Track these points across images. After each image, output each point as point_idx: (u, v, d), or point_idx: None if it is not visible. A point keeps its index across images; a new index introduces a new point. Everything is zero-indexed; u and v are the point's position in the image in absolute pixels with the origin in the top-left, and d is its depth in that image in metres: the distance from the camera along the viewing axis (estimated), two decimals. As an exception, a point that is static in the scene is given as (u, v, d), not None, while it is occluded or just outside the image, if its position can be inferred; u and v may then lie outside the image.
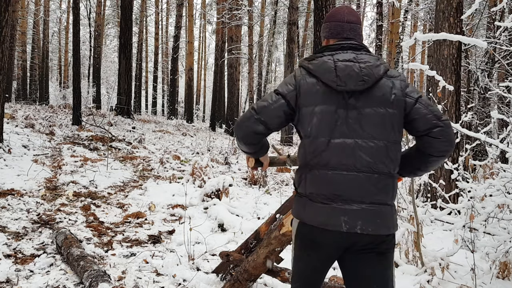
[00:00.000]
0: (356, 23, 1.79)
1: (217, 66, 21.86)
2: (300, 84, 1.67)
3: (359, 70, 1.63)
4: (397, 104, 1.64)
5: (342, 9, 1.82)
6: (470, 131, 3.76)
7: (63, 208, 5.01)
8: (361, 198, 1.59)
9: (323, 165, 1.62)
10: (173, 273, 3.30)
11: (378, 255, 1.65)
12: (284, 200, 5.17)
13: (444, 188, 5.42)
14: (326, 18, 1.84)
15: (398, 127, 1.65)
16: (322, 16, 9.04)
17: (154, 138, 12.48)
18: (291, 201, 2.76)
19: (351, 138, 1.61)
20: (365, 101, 1.62)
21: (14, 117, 11.36)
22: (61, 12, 29.97)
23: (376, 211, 1.60)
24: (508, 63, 9.11)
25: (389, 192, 1.64)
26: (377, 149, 1.61)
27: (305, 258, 1.71)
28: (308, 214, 1.64)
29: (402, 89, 1.66)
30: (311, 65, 1.69)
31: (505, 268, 3.34)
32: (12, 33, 14.19)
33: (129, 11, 15.86)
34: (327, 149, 1.62)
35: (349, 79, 1.61)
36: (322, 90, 1.64)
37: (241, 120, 1.73)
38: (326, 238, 1.62)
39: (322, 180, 1.62)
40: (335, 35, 1.78)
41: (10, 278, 3.09)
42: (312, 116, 1.64)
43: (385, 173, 1.62)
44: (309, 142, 1.66)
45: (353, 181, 1.59)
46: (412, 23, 23.85)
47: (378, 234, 1.60)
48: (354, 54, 1.68)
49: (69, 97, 21.09)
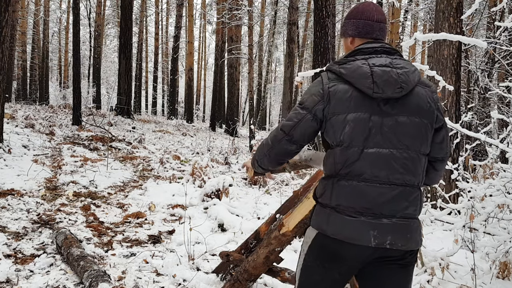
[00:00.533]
0: (385, 22, 1.68)
1: (217, 66, 21.86)
2: (330, 92, 1.56)
3: (397, 76, 1.53)
4: (430, 115, 1.58)
5: (370, 6, 1.68)
6: (470, 131, 3.76)
7: (63, 208, 5.01)
8: (392, 212, 1.51)
9: (354, 175, 1.53)
10: (173, 273, 3.30)
11: (401, 267, 1.59)
12: (284, 200, 5.17)
13: (444, 188, 5.42)
14: (352, 14, 1.70)
15: (428, 139, 1.59)
16: (322, 16, 9.03)
17: (154, 138, 12.48)
18: (291, 201, 2.76)
19: (386, 148, 1.52)
20: (400, 109, 1.54)
21: (14, 117, 11.36)
22: (61, 12, 29.99)
23: (406, 225, 1.53)
24: (508, 63, 9.11)
25: (418, 205, 1.57)
26: (410, 160, 1.54)
27: (321, 270, 1.61)
28: (333, 227, 1.54)
29: (435, 101, 1.61)
30: (343, 69, 1.57)
31: (505, 268, 3.34)
32: (12, 33, 14.19)
33: (129, 11, 15.87)
34: (360, 159, 1.52)
35: (387, 86, 1.51)
36: (356, 96, 1.53)
37: (272, 141, 1.69)
38: (350, 252, 1.53)
39: (352, 192, 1.52)
40: (363, 34, 1.66)
41: (10, 278, 3.09)
42: (344, 124, 1.53)
43: (415, 186, 1.56)
44: (340, 151, 1.55)
45: (386, 194, 1.51)
46: (412, 23, 23.85)
47: (408, 250, 1.55)
48: (389, 58, 1.58)
49: (69, 97, 21.10)
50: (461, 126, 3.97)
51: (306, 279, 1.66)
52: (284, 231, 2.41)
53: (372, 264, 1.59)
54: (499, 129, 10.40)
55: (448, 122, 3.60)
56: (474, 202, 3.80)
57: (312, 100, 1.60)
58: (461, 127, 3.66)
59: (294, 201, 2.70)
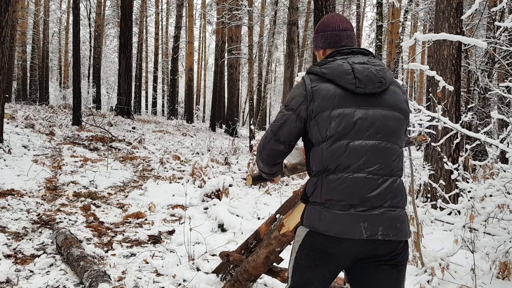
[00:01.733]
0: (351, 30, 1.79)
1: (217, 66, 21.85)
2: (313, 91, 1.63)
3: (376, 72, 1.62)
4: (405, 112, 1.68)
5: (334, 18, 1.80)
6: (470, 131, 3.76)
7: (63, 208, 5.01)
8: (381, 202, 1.56)
9: (343, 168, 1.58)
10: (173, 273, 3.30)
11: (392, 267, 1.62)
12: (284, 200, 5.18)
13: (444, 188, 5.42)
14: (320, 28, 1.82)
15: (403, 133, 1.68)
16: (322, 16, 9.03)
17: (154, 138, 12.48)
18: (291, 201, 2.76)
19: (372, 140, 1.59)
20: (382, 103, 1.63)
21: (14, 117, 11.36)
22: (61, 12, 29.97)
23: (395, 215, 1.57)
24: (508, 63, 9.10)
25: (403, 195, 1.63)
26: (393, 151, 1.62)
27: (312, 268, 1.65)
28: (325, 223, 1.57)
29: (407, 101, 1.72)
30: (325, 69, 1.65)
31: (505, 269, 3.34)
32: (12, 33, 14.19)
33: (129, 11, 15.86)
34: (347, 152, 1.58)
35: (368, 81, 1.60)
36: (339, 93, 1.61)
37: (263, 143, 1.78)
38: (341, 247, 1.56)
39: (340, 185, 1.57)
40: (333, 44, 1.77)
41: (10, 278, 3.09)
42: (329, 120, 1.60)
43: (399, 176, 1.63)
44: (326, 146, 1.61)
45: (374, 185, 1.56)
46: (412, 23, 23.86)
47: (399, 240, 1.58)
48: (365, 57, 1.68)
49: (69, 97, 21.08)
50: (461, 126, 3.97)
51: (299, 277, 1.70)
52: (284, 231, 2.41)
53: (363, 265, 1.62)
54: (499, 129, 10.40)
55: (448, 122, 3.60)
56: (474, 202, 3.80)
57: (295, 101, 1.68)
58: (461, 127, 3.66)
59: (294, 201, 2.70)
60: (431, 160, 5.89)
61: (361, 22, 23.46)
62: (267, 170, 1.88)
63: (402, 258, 1.63)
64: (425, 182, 5.70)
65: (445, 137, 4.83)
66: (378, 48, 17.16)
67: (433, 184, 4.92)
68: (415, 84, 29.65)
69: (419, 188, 6.07)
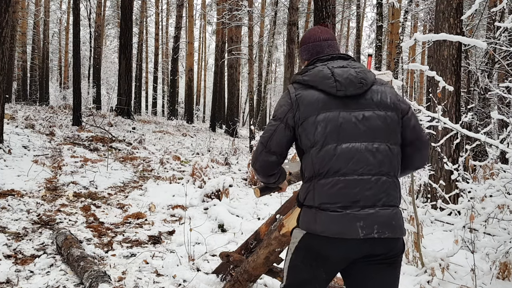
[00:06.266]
0: (333, 39, 1.83)
1: (217, 67, 21.86)
2: (297, 98, 1.67)
3: (356, 73, 1.65)
4: (394, 107, 1.68)
5: (315, 30, 1.86)
6: (470, 132, 3.76)
7: (63, 208, 5.01)
8: (374, 202, 1.58)
9: (333, 172, 1.60)
10: (173, 273, 3.30)
11: (387, 266, 1.64)
12: (284, 200, 5.18)
13: (444, 188, 5.42)
14: (303, 41, 1.87)
15: (396, 129, 1.68)
16: (322, 17, 9.03)
17: (154, 138, 12.48)
18: (291, 202, 2.76)
19: (359, 141, 1.61)
20: (365, 104, 1.64)
21: (14, 117, 11.36)
22: (61, 12, 29.98)
23: (389, 213, 1.59)
24: (508, 64, 9.10)
25: (397, 194, 1.64)
26: (382, 151, 1.62)
27: (308, 269, 1.67)
28: (321, 225, 1.59)
29: (395, 94, 1.72)
30: (306, 76, 1.70)
31: (505, 269, 3.34)
32: (12, 33, 14.19)
33: (129, 11, 15.87)
34: (336, 155, 1.60)
35: (348, 83, 1.63)
36: (322, 98, 1.64)
37: (255, 155, 1.79)
38: (338, 248, 1.58)
39: (332, 188, 1.59)
40: (315, 54, 1.81)
41: (10, 279, 3.09)
42: (315, 125, 1.63)
43: (391, 175, 1.63)
44: (315, 151, 1.63)
45: (365, 185, 1.58)
46: (412, 23, 23.85)
47: (395, 237, 1.59)
48: (345, 61, 1.72)
49: (69, 97, 21.07)
50: (461, 126, 3.97)
51: (294, 278, 1.72)
52: (284, 232, 2.41)
53: (359, 264, 1.63)
54: (499, 130, 10.40)
55: (448, 123, 3.60)
56: (474, 202, 3.80)
57: (282, 110, 1.71)
58: (461, 127, 3.66)
59: (294, 201, 2.70)
60: (431, 161, 5.89)
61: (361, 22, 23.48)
62: (265, 181, 1.89)
63: (398, 257, 1.65)
64: (425, 183, 5.70)
65: (445, 138, 4.83)
66: (378, 49, 17.15)
67: (433, 185, 4.92)
68: (415, 84, 29.64)
69: (419, 189, 6.07)
